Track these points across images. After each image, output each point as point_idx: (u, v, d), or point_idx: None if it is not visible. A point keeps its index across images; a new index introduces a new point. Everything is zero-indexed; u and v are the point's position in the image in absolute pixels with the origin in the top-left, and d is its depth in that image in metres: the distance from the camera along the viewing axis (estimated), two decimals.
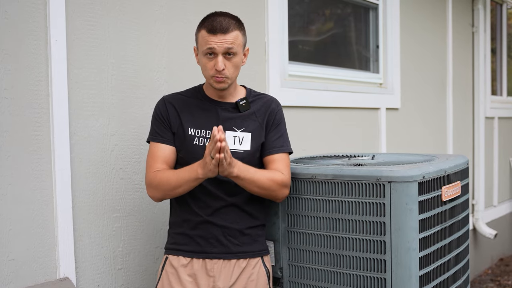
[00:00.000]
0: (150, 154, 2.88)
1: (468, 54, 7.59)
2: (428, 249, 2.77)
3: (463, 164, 3.18)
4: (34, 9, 2.84)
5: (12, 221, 2.76)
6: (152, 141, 2.89)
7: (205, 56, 2.77)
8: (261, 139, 2.92)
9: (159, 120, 2.89)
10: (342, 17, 5.68)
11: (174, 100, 2.93)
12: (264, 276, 2.94)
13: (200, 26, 2.80)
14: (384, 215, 2.68)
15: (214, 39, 2.73)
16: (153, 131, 2.90)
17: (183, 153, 2.86)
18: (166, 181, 2.78)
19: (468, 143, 7.58)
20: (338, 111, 5.11)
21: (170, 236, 2.97)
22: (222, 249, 2.86)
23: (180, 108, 2.90)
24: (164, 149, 2.86)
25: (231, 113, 2.90)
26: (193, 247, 2.87)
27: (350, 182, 2.77)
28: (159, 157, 2.85)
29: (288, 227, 3.00)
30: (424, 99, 6.50)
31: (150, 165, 2.86)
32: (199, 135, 2.85)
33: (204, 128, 2.86)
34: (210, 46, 2.73)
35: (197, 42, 2.83)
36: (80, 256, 3.05)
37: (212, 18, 2.79)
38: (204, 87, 2.97)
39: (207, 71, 2.80)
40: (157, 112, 2.92)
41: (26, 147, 2.81)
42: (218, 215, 2.86)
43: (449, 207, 2.97)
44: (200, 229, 2.86)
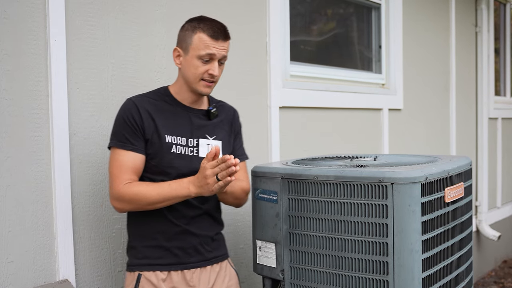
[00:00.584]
0: (118, 163, 2.72)
1: (471, 54, 7.59)
2: (431, 251, 2.76)
3: (466, 165, 3.17)
4: (33, 9, 2.84)
5: (11, 223, 2.75)
6: (121, 148, 2.72)
7: (200, 59, 2.74)
8: (230, 147, 3.01)
9: (130, 125, 2.73)
10: (344, 17, 5.67)
11: (145, 103, 2.80)
12: (235, 277, 3.09)
13: (195, 28, 2.76)
14: (386, 216, 2.67)
15: (215, 45, 2.74)
16: (121, 137, 2.73)
17: (157, 161, 2.77)
18: (143, 195, 2.66)
19: (472, 144, 7.57)
20: (340, 111, 5.11)
21: (137, 251, 2.84)
22: (199, 257, 2.90)
23: (154, 113, 2.79)
24: (134, 158, 2.73)
25: (203, 121, 2.91)
26: (170, 259, 2.82)
27: (352, 183, 2.77)
28: (128, 168, 2.71)
29: (289, 229, 3.00)
30: (427, 100, 6.49)
31: (117, 176, 2.70)
32: (176, 142, 2.80)
33: (180, 135, 2.82)
34: (211, 52, 2.73)
35: (188, 43, 2.77)
36: (80, 258, 3.04)
37: (211, 23, 2.78)
38: (174, 91, 2.88)
39: (197, 75, 2.76)
40: (128, 117, 2.75)
41: (25, 148, 2.81)
42: (193, 223, 2.87)
43: (452, 208, 2.96)
44: (177, 240, 2.83)
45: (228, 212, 3.91)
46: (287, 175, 2.99)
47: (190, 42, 2.76)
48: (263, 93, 4.25)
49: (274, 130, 4.30)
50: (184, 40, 2.79)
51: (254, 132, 4.15)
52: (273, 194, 3.05)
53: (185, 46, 2.79)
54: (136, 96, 2.83)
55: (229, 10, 3.96)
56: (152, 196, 2.66)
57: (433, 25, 6.64)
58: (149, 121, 2.75)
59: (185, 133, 2.82)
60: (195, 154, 2.83)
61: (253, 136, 4.13)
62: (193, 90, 2.82)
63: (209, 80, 2.78)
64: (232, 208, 3.91)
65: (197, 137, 2.85)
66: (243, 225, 4.04)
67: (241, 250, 4.04)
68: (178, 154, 2.79)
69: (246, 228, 4.04)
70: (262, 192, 3.10)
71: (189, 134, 2.83)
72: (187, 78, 2.80)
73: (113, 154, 2.74)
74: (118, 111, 2.80)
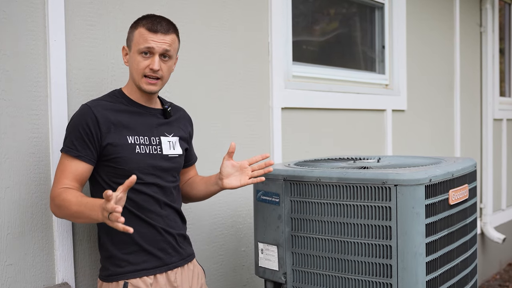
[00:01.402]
0: (61, 167, 2.68)
1: (476, 54, 7.58)
2: (435, 254, 2.76)
3: (471, 167, 3.17)
4: (32, 8, 2.84)
5: (10, 225, 2.75)
6: (66, 153, 2.68)
7: (140, 54, 2.73)
8: (184, 145, 3.01)
9: (82, 132, 2.67)
10: (347, 17, 5.67)
11: (102, 108, 2.74)
12: (203, 275, 3.11)
13: (137, 24, 2.77)
14: (390, 219, 2.67)
15: (154, 38, 2.72)
16: (69, 142, 2.68)
17: (123, 164, 2.72)
18: (68, 205, 2.56)
19: (476, 146, 7.57)
20: (343, 112, 5.10)
21: (118, 259, 2.76)
22: (178, 256, 2.90)
23: (112, 116, 2.73)
24: (77, 166, 2.67)
25: (160, 119, 2.91)
26: (154, 262, 2.79)
27: (355, 185, 2.77)
28: (70, 173, 2.66)
29: (292, 231, 3.00)
30: (431, 101, 6.49)
31: (58, 179, 2.66)
32: (139, 142, 2.77)
33: (142, 134, 2.80)
34: (149, 45, 2.72)
35: (130, 40, 2.78)
36: (80, 260, 3.04)
37: (152, 18, 2.78)
38: (128, 92, 2.86)
39: (139, 71, 2.75)
40: (82, 123, 2.68)
41: (24, 149, 2.80)
42: (167, 222, 2.86)
43: (457, 211, 2.96)
44: (158, 241, 2.81)
45: (229, 215, 3.92)
46: (289, 177, 2.99)
47: (132, 39, 2.77)
48: (265, 94, 4.25)
49: (276, 131, 4.30)
50: (128, 38, 2.81)
51: (256, 134, 4.15)
52: (275, 196, 3.05)
53: (129, 44, 2.80)
54: (92, 101, 2.77)
55: (230, 10, 3.96)
56: (73, 208, 2.55)
57: (437, 25, 6.64)
58: (108, 126, 2.70)
59: (146, 132, 2.81)
60: (159, 152, 2.83)
61: (254, 138, 4.13)
62: (139, 88, 2.80)
63: (151, 76, 2.76)
64: (233, 210, 3.92)
65: (158, 135, 2.85)
66: (245, 228, 4.04)
67: (243, 253, 4.04)
68: (143, 153, 2.77)
69: (247, 231, 4.04)
70: (264, 194, 3.10)
71: (150, 133, 2.82)
72: (132, 75, 2.80)
73: (60, 158, 2.71)
74: (72, 116, 2.75)
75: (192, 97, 3.63)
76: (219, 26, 3.87)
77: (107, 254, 2.80)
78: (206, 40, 3.75)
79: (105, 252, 2.81)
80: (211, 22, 3.80)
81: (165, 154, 2.85)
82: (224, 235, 3.91)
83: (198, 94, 3.69)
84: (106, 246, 2.79)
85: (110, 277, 2.77)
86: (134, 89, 2.83)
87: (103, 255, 2.82)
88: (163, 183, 2.83)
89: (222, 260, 3.90)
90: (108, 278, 2.78)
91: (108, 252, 2.79)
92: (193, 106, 3.59)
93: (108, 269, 2.78)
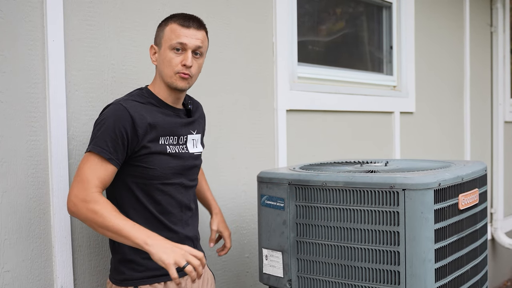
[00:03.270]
0: (90, 167, 2.61)
1: (486, 55, 7.57)
2: (444, 260, 2.75)
3: (481, 170, 3.16)
4: (30, 8, 2.84)
5: (8, 230, 2.75)
6: (98, 154, 2.61)
7: (172, 50, 2.73)
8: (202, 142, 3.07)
9: (118, 134, 2.63)
10: (354, 16, 5.67)
11: (138, 109, 2.71)
12: (213, 280, 3.12)
13: (167, 21, 2.78)
14: (398, 224, 2.66)
15: (186, 33, 2.73)
16: (103, 142, 2.63)
17: (156, 164, 2.72)
18: (107, 214, 2.52)
19: (487, 149, 7.56)
20: (350, 115, 5.10)
21: (137, 264, 2.76)
22: None
23: (149, 118, 2.72)
24: (107, 169, 2.63)
25: (184, 119, 2.91)
26: None
27: (362, 189, 2.76)
28: (100, 176, 2.61)
29: (297, 237, 2.99)
30: (440, 103, 6.48)
31: (88, 180, 2.57)
32: (169, 142, 2.79)
33: (171, 134, 2.80)
34: (182, 41, 2.72)
35: (160, 38, 2.78)
36: (79, 267, 3.04)
37: (183, 14, 2.80)
38: (155, 91, 2.84)
39: (171, 67, 2.75)
40: (119, 125, 2.64)
41: (22, 153, 2.80)
42: (187, 227, 2.89)
43: (467, 216, 2.95)
44: None
45: (233, 220, 3.91)
46: (295, 181, 2.99)
47: (163, 35, 2.77)
48: (270, 96, 4.25)
49: (281, 134, 4.30)
50: (158, 36, 2.81)
51: (260, 137, 4.15)
52: (280, 200, 3.05)
53: (159, 41, 2.79)
54: (125, 101, 2.73)
55: (234, 8, 3.95)
56: (112, 221, 2.51)
57: (446, 24, 6.63)
58: (145, 128, 2.69)
59: (175, 132, 2.82)
60: (186, 151, 2.86)
61: (259, 141, 4.13)
62: (170, 86, 2.80)
63: (184, 72, 2.75)
64: (236, 216, 3.91)
65: (185, 134, 2.88)
66: (249, 233, 4.03)
67: (247, 259, 4.04)
68: (173, 153, 2.79)
69: (251, 236, 4.04)
70: (269, 199, 3.09)
71: (178, 132, 2.84)
72: (163, 74, 2.78)
73: (88, 156, 2.63)
74: (105, 114, 2.70)
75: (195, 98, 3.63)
76: (223, 26, 3.86)
77: (123, 258, 2.78)
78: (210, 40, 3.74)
79: (120, 255, 2.79)
80: (214, 22, 3.80)
81: (192, 153, 2.89)
82: None
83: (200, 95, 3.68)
84: (123, 250, 2.77)
85: (125, 281, 2.77)
86: (163, 88, 2.82)
87: (118, 258, 2.80)
88: (187, 182, 2.87)
89: (225, 267, 3.89)
90: (123, 282, 2.78)
91: (126, 255, 2.77)
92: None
93: (124, 273, 2.77)
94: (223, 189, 3.88)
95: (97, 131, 2.66)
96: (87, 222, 2.58)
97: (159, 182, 2.75)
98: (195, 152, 2.92)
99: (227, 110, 3.90)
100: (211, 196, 3.33)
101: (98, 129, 2.67)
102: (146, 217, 2.73)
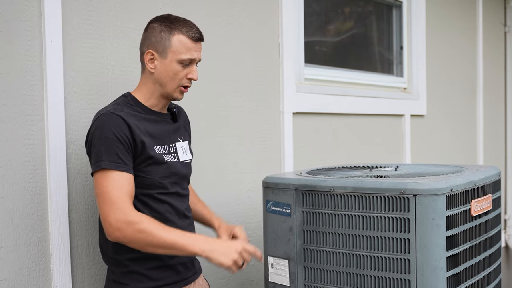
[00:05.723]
0: (117, 185, 2.55)
1: (500, 55, 7.57)
2: (456, 269, 2.74)
3: (495, 175, 3.15)
4: (27, 7, 2.84)
5: (4, 238, 2.75)
6: (116, 169, 2.56)
7: (180, 63, 2.73)
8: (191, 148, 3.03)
9: (124, 143, 2.60)
10: (363, 16, 5.67)
11: (129, 116, 2.67)
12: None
13: (173, 30, 2.72)
14: (408, 231, 2.66)
15: (195, 47, 2.75)
16: (114, 156, 2.57)
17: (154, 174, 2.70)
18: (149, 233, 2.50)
19: (500, 153, 7.55)
20: (358, 118, 5.10)
21: (140, 275, 2.73)
22: (193, 270, 2.93)
23: (141, 126, 2.69)
24: (129, 180, 2.60)
25: (171, 124, 2.90)
26: (174, 277, 2.80)
27: (371, 195, 2.75)
28: (128, 192, 2.58)
29: (304, 245, 2.98)
30: (452, 105, 6.48)
31: (122, 200, 2.53)
32: (163, 151, 2.77)
33: (163, 143, 2.79)
34: (193, 57, 2.74)
35: (166, 46, 2.72)
36: (78, 276, 3.04)
37: (186, 23, 2.77)
38: (142, 98, 2.80)
39: (176, 80, 2.75)
40: (121, 134, 2.60)
41: (19, 157, 2.80)
42: None
43: (480, 222, 2.95)
44: (180, 256, 2.79)
45: None
46: (301, 186, 2.98)
47: (169, 45, 2.72)
48: (275, 98, 4.24)
49: (287, 138, 4.29)
50: (160, 42, 2.73)
51: (266, 140, 4.14)
52: (286, 207, 3.04)
53: (162, 49, 2.73)
54: (115, 109, 2.68)
55: (240, 7, 3.95)
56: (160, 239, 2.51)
57: (459, 24, 6.63)
58: (140, 135, 2.66)
59: (165, 140, 2.81)
60: (177, 159, 2.84)
61: (264, 145, 4.13)
62: (167, 96, 2.80)
63: (188, 85, 2.79)
64: (241, 222, 3.91)
65: (173, 142, 2.86)
66: (254, 240, 4.03)
67: (252, 268, 4.03)
68: (168, 162, 2.77)
69: (257, 244, 4.03)
70: (274, 205, 3.09)
71: (168, 140, 2.83)
72: (164, 83, 2.76)
73: (106, 175, 2.56)
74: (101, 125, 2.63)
75: (198, 101, 3.63)
76: (226, 25, 3.86)
77: (125, 270, 2.75)
78: (212, 40, 3.74)
79: (122, 268, 2.75)
80: (218, 21, 3.80)
81: (182, 161, 2.87)
82: None
83: (203, 98, 3.68)
84: (125, 263, 2.74)
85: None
86: (155, 96, 2.80)
87: (121, 271, 2.76)
88: (181, 191, 2.86)
89: (230, 275, 3.88)
90: None
91: (128, 267, 2.74)
92: (199, 111, 3.59)
93: (127, 285, 2.74)
94: (227, 195, 3.87)
95: (101, 145, 2.60)
96: (135, 244, 2.54)
97: (156, 192, 2.73)
98: (185, 160, 2.89)
99: (231, 112, 3.89)
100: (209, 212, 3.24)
101: (101, 143, 2.60)
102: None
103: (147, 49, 2.75)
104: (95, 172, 2.59)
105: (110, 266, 2.83)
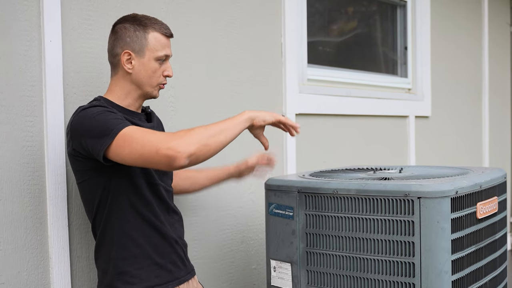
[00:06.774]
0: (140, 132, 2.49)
1: (506, 55, 7.56)
2: (461, 272, 2.74)
3: (501, 178, 3.15)
4: (26, 6, 2.84)
5: (2, 241, 2.75)
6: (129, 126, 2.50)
7: (157, 61, 2.74)
8: None
9: (114, 112, 2.59)
10: (367, 16, 5.66)
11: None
12: None
13: (147, 27, 2.72)
14: (413, 234, 2.65)
15: (168, 43, 2.79)
16: (116, 120, 2.52)
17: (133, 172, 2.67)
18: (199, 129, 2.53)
19: (506, 155, 7.54)
20: (362, 119, 5.09)
21: (130, 275, 2.69)
22: (186, 269, 2.89)
23: None
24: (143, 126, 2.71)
25: (146, 123, 2.87)
26: (166, 277, 2.76)
27: (375, 198, 2.75)
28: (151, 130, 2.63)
29: (307, 248, 2.98)
30: (457, 106, 6.47)
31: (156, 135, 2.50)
32: None
33: None
34: (168, 53, 2.78)
35: (143, 45, 2.71)
36: (77, 279, 3.03)
37: (157, 21, 2.79)
38: (116, 99, 2.76)
39: (155, 78, 2.76)
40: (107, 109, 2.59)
41: (17, 159, 2.80)
42: (175, 231, 2.86)
43: (485, 225, 2.94)
44: (169, 253, 2.79)
45: (239, 230, 3.90)
46: (304, 188, 2.98)
47: (146, 44, 2.72)
48: (278, 99, 4.24)
49: (290, 140, 4.29)
50: (137, 42, 2.72)
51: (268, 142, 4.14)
52: (288, 209, 3.04)
53: (139, 48, 2.71)
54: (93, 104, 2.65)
55: (242, 6, 3.95)
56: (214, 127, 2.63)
57: (464, 24, 6.63)
58: None
59: None
60: None
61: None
62: (145, 95, 2.80)
63: (165, 83, 2.82)
64: (243, 225, 3.91)
65: None
66: (256, 244, 4.02)
67: (254, 271, 4.03)
68: None
69: (259, 247, 4.03)
70: (277, 207, 3.09)
71: None
72: (143, 83, 2.75)
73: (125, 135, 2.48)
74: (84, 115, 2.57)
75: (199, 102, 3.63)
76: (228, 25, 3.86)
77: (116, 271, 2.71)
78: (214, 40, 3.74)
79: (114, 269, 2.71)
80: (219, 21, 3.80)
81: None
82: (234, 252, 3.89)
83: (205, 98, 3.68)
84: (115, 262, 2.71)
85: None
86: (132, 96, 2.78)
87: (113, 272, 2.72)
88: (167, 187, 2.86)
89: (232, 279, 3.88)
90: None
91: (119, 268, 2.70)
92: (200, 111, 3.58)
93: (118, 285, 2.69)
94: (229, 197, 3.87)
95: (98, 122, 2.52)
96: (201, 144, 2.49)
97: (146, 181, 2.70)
98: None
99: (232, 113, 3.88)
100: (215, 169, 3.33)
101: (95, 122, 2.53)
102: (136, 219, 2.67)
103: (123, 50, 2.72)
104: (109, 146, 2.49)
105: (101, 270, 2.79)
